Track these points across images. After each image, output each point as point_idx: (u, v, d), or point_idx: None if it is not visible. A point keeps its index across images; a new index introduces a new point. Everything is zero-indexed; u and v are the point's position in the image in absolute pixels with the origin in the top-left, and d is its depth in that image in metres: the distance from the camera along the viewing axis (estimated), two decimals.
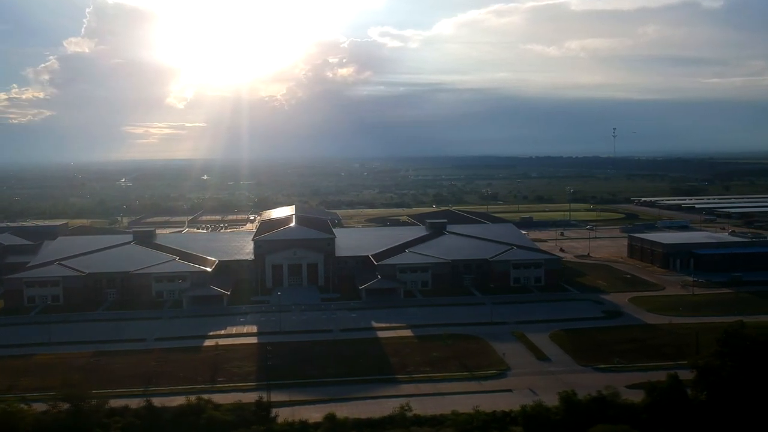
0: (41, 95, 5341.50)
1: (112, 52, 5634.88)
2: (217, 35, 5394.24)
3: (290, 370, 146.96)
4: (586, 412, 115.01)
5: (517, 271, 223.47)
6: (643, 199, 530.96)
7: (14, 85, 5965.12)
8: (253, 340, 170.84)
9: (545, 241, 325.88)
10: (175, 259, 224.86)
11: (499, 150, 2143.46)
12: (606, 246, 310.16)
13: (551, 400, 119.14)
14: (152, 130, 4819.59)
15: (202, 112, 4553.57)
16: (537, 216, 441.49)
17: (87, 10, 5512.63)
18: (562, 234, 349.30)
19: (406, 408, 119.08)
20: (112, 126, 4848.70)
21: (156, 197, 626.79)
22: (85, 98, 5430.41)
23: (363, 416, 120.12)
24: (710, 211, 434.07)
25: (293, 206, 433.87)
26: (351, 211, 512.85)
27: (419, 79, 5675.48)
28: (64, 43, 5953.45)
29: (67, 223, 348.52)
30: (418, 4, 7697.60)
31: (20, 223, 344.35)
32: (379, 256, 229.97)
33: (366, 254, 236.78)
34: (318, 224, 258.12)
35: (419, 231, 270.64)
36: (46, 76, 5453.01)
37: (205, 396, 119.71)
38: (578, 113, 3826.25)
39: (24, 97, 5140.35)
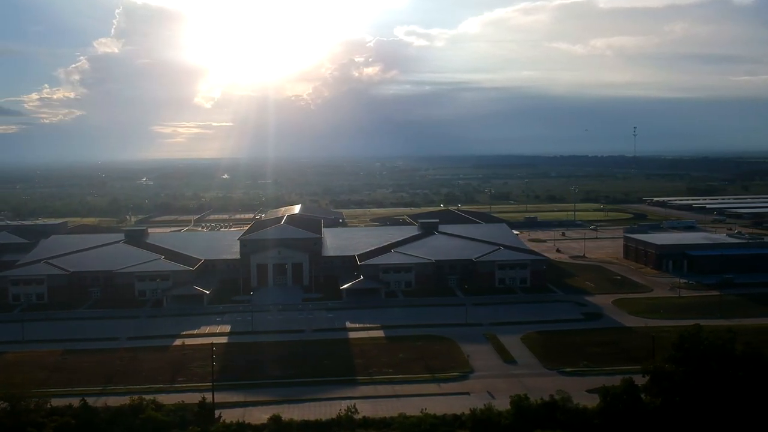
0: (72, 95, 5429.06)
1: (141, 53, 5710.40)
2: (243, 35, 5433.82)
3: (252, 371, 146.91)
4: (536, 417, 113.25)
5: (502, 271, 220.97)
6: (655, 199, 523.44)
7: (46, 85, 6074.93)
8: (224, 339, 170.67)
9: (545, 241, 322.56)
10: (160, 259, 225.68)
11: (523, 149, 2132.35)
12: (605, 246, 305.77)
13: (508, 404, 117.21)
14: (180, 130, 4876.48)
15: (229, 111, 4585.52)
16: (544, 216, 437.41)
17: (117, 11, 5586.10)
18: (563, 234, 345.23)
19: (353, 410, 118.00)
20: (141, 125, 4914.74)
21: (170, 196, 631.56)
22: (115, 98, 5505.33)
23: (312, 418, 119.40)
24: (721, 212, 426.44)
25: (299, 205, 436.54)
26: (359, 211, 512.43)
27: (445, 77, 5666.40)
28: (94, 44, 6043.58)
29: (66, 222, 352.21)
30: (444, 2, 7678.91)
31: (20, 222, 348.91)
32: (364, 256, 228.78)
33: (353, 254, 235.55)
34: (307, 224, 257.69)
35: (412, 231, 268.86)
36: (77, 77, 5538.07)
37: (150, 396, 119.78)
38: (604, 112, 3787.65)
39: (55, 97, 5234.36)
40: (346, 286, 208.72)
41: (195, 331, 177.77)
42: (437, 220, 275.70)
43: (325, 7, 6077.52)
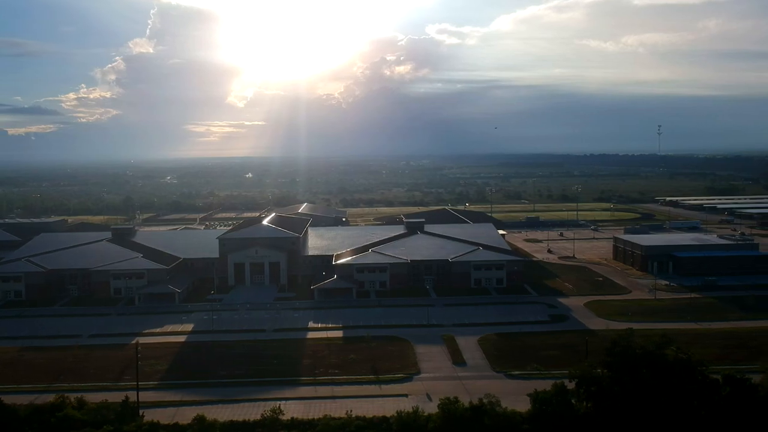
0: (108, 95, 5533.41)
1: (176, 53, 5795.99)
2: (276, 35, 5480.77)
3: (199, 370, 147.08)
4: (462, 421, 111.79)
5: (478, 272, 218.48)
6: (668, 198, 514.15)
7: (83, 85, 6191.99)
8: (182, 338, 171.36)
9: (540, 241, 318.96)
10: (138, 257, 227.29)
11: (555, 147, 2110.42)
12: (600, 247, 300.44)
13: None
14: (213, 129, 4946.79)
15: (262, 110, 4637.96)
16: (550, 216, 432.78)
17: (152, 11, 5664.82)
18: (561, 234, 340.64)
19: (277, 411, 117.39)
20: (175, 124, 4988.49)
21: (184, 195, 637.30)
22: (150, 97, 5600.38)
23: (241, 418, 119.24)
24: (732, 212, 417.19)
25: (306, 204, 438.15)
26: (367, 209, 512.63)
27: (476, 76, 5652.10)
28: (130, 44, 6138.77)
29: (63, 220, 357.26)
30: (476, 0, 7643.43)
31: (18, 220, 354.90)
32: (341, 255, 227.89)
33: (333, 254, 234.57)
34: (289, 224, 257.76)
35: (398, 231, 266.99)
36: (113, 76, 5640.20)
37: (77, 395, 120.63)
38: (638, 110, 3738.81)
39: (92, 96, 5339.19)
40: (317, 285, 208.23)
41: (158, 330, 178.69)
42: (423, 220, 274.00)
43: (357, 6, 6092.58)
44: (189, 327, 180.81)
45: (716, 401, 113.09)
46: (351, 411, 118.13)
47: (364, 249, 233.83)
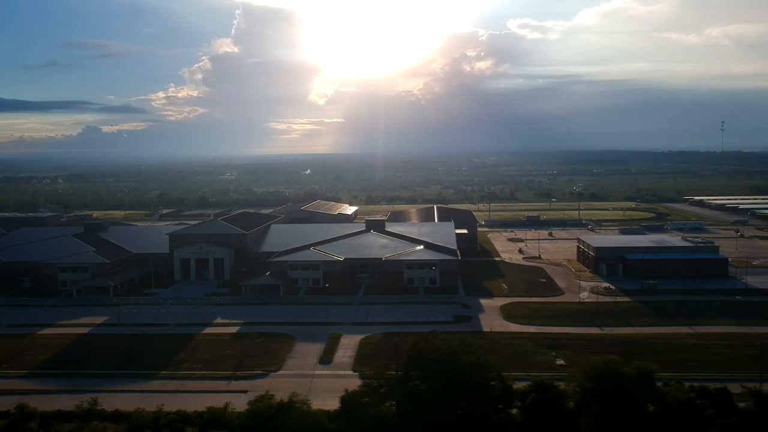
0: (195, 93, 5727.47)
1: (259, 52, 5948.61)
2: (356, 32, 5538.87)
3: (74, 362, 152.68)
4: (265, 418, 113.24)
5: (411, 271, 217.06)
6: (696, 198, 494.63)
7: (171, 84, 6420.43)
8: (85, 331, 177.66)
9: (523, 241, 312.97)
10: (89, 251, 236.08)
11: (633, 144, 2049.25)
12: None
13: None
14: (294, 126, 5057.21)
15: (341, 107, 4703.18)
16: (558, 215, 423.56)
17: (237, 12, 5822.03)
18: (550, 234, 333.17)
19: (93, 403, 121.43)
20: (259, 122, 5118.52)
21: (218, 191, 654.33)
22: (235, 96, 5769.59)
23: (68, 409, 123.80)
24: (753, 213, 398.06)
25: (317, 201, 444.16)
26: (385, 206, 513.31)
27: (556, 71, 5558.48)
28: (214, 44, 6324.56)
29: (59, 215, 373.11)
30: None
31: (16, 214, 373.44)
32: (282, 253, 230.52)
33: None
34: (250, 221, 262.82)
35: (358, 228, 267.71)
36: (200, 76, 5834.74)
37: None
38: (726, 105, 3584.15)
39: (180, 95, 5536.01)
40: (244, 282, 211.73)
41: (70, 321, 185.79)
42: (384, 218, 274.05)
43: (437, 1, 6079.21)
44: (99, 320, 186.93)
45: (521, 408, 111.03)
46: (163, 405, 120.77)
47: (306, 246, 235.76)
